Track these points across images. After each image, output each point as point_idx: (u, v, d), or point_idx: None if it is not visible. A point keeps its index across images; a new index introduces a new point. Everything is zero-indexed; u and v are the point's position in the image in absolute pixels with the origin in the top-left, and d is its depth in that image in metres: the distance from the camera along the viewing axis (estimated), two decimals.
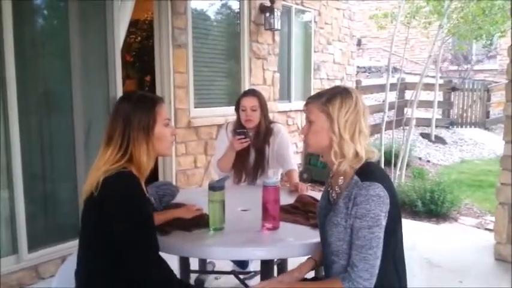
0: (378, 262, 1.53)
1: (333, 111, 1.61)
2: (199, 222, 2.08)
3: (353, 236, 1.55)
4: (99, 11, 3.71)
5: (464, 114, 10.83)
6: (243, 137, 2.88)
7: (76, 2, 3.52)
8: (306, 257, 1.94)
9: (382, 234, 1.53)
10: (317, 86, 7.62)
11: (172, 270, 1.70)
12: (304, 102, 1.73)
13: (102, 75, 3.78)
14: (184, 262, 2.61)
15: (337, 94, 1.64)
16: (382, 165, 6.32)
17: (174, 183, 4.59)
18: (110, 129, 1.69)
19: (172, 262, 2.65)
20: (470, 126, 10.77)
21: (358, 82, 9.58)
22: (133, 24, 5.95)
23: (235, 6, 5.63)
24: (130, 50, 6.69)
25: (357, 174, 1.60)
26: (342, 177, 1.66)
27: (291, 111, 6.96)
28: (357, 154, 1.61)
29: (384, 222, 1.54)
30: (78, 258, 1.72)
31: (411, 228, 4.61)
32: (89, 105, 3.68)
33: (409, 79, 10.69)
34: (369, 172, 1.59)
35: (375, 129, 7.77)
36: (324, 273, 1.84)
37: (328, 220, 1.66)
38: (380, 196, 1.53)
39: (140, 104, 1.71)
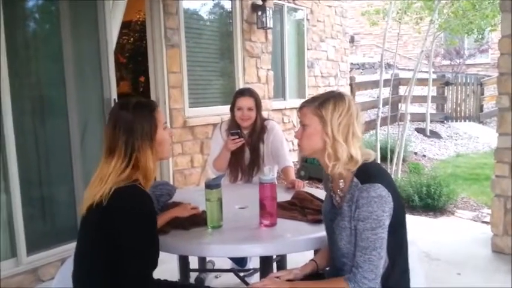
0: (382, 262, 1.55)
1: (326, 114, 1.62)
2: (197, 220, 2.09)
3: (357, 238, 1.57)
4: (91, 12, 3.70)
5: (458, 109, 10.88)
6: (237, 137, 2.89)
7: (67, 4, 3.52)
8: (303, 252, 1.95)
9: (385, 235, 1.55)
10: (311, 83, 7.64)
11: None
12: (299, 107, 1.74)
13: (96, 77, 3.78)
14: (183, 261, 2.62)
15: (330, 98, 1.65)
16: (379, 161, 6.36)
17: (171, 183, 4.59)
18: (111, 140, 1.68)
19: (172, 261, 2.67)
20: (465, 120, 10.82)
21: (352, 79, 9.60)
22: (126, 25, 5.95)
23: (227, 5, 5.63)
24: (123, 51, 6.69)
25: (356, 177, 1.61)
26: (342, 181, 1.67)
27: (286, 109, 6.97)
28: (351, 157, 1.62)
29: (387, 222, 1.55)
30: (75, 260, 1.72)
31: (409, 223, 4.62)
32: (84, 107, 3.68)
33: (403, 75, 10.72)
34: (367, 173, 1.60)
35: (370, 125, 7.81)
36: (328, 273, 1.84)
37: (336, 225, 1.67)
38: (382, 196, 1.54)
39: (140, 112, 1.71)
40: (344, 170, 1.64)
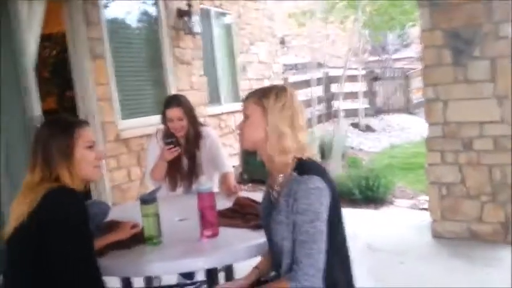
0: (322, 257, 1.51)
1: (268, 104, 1.61)
2: (138, 237, 1.97)
3: (295, 232, 1.52)
4: (4, 24, 3.45)
5: (389, 102, 11.29)
6: (173, 146, 2.80)
7: None
8: (250, 259, 1.89)
9: (324, 228, 1.52)
10: (245, 86, 7.61)
11: None
12: (243, 99, 1.74)
13: (17, 94, 3.52)
14: (125, 282, 2.48)
15: (273, 89, 1.67)
16: (319, 159, 6.43)
17: (109, 199, 4.40)
18: (32, 156, 1.68)
19: (115, 284, 2.52)
20: (396, 113, 11.24)
21: (285, 80, 9.69)
22: (47, 38, 5.64)
23: (152, 11, 5.49)
24: (46, 65, 6.35)
25: (295, 170, 1.59)
26: (281, 176, 1.64)
27: (222, 113, 6.89)
28: (299, 143, 1.60)
29: (325, 215, 1.52)
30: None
31: (351, 217, 4.66)
32: (5, 128, 3.42)
33: (334, 73, 10.96)
34: (306, 167, 1.58)
35: (306, 124, 7.92)
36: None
37: (272, 220, 1.63)
38: (320, 188, 1.52)
39: (58, 129, 1.70)
40: (283, 165, 1.61)
